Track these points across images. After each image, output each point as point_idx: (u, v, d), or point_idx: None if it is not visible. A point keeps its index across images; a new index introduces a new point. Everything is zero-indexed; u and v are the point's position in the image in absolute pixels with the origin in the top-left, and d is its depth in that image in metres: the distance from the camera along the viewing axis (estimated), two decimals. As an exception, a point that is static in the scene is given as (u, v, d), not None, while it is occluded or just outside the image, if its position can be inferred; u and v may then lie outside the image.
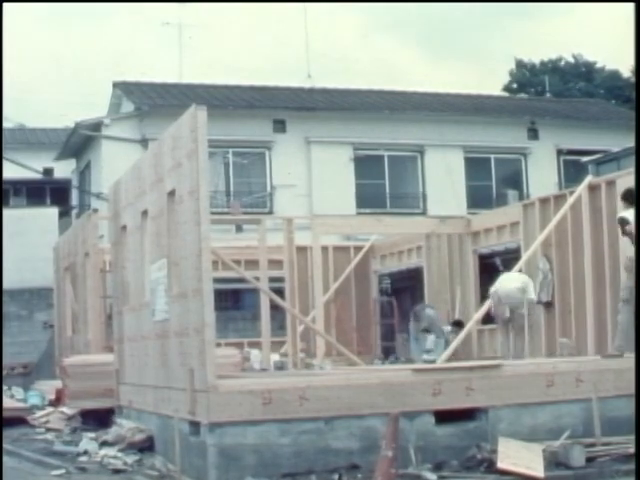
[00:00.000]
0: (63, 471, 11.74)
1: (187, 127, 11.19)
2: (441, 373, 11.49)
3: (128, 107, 29.62)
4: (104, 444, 13.14)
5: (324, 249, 21.17)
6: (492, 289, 16.57)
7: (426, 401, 11.06)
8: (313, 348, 19.69)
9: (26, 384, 22.71)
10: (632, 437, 10.64)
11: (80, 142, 30.57)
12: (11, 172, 30.46)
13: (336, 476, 10.30)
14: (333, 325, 22.13)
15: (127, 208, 14.51)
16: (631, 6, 15.72)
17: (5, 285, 25.89)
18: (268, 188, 28.74)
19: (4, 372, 23.21)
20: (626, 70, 47.46)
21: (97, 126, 28.38)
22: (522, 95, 48.72)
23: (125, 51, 67.53)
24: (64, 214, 32.48)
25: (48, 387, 19.72)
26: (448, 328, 19.40)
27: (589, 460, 10.63)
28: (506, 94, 48.21)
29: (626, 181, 15.32)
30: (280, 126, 29.08)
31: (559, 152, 31.31)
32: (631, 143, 21.36)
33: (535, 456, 10.50)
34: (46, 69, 63.72)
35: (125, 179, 14.78)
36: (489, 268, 19.78)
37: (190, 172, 11.03)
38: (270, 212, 27.90)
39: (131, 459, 12.09)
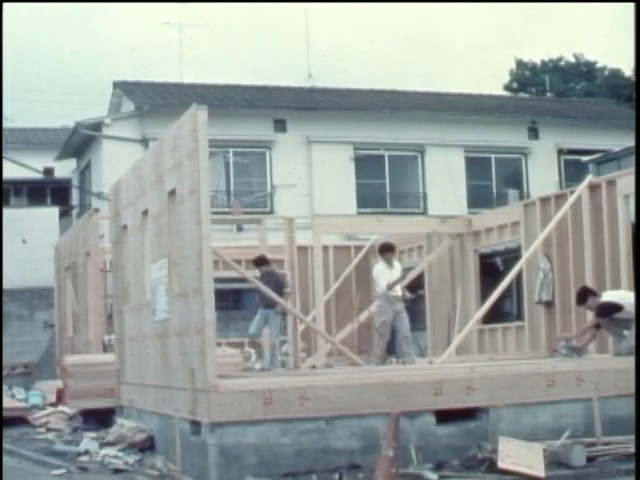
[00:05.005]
0: (64, 471, 11.75)
1: (188, 127, 11.19)
2: (442, 373, 11.50)
3: (128, 107, 29.60)
4: (105, 444, 13.15)
5: (325, 249, 21.14)
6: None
7: (427, 400, 11.06)
8: (314, 348, 19.69)
9: (27, 384, 22.68)
10: (632, 437, 10.66)
11: (80, 142, 30.55)
12: (11, 172, 30.47)
13: (337, 476, 10.30)
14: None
15: (128, 208, 14.51)
16: (631, 6, 15.73)
17: (5, 285, 25.88)
18: (269, 188, 28.72)
19: (5, 372, 23.18)
20: (628, 69, 47.49)
21: (97, 126, 28.37)
22: (523, 95, 48.67)
23: (125, 51, 67.54)
24: (65, 214, 32.49)
25: (49, 387, 19.70)
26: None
27: (590, 460, 10.65)
28: (507, 94, 48.13)
29: (626, 180, 15.35)
30: (281, 126, 29.06)
31: (560, 152, 31.28)
32: (631, 143, 21.35)
33: (536, 456, 10.50)
34: (47, 68, 63.69)
35: (126, 179, 14.78)
36: (490, 268, 19.77)
37: (191, 172, 11.03)
38: (271, 212, 27.87)
39: (132, 459, 12.10)
